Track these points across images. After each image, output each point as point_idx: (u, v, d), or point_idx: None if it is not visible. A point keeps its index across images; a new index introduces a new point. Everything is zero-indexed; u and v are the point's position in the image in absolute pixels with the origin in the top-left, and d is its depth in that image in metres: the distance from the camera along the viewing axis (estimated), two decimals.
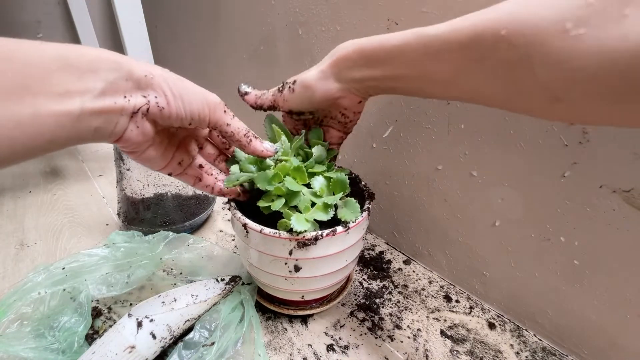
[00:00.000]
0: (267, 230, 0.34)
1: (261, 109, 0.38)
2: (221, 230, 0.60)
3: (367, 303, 0.46)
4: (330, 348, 0.40)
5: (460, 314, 0.45)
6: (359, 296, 0.47)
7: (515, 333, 0.42)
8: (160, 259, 0.46)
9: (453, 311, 0.45)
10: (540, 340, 0.42)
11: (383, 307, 0.46)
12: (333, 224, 0.35)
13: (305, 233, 0.33)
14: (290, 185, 0.34)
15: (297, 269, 0.36)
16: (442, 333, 0.42)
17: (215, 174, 0.37)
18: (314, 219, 0.34)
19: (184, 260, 0.47)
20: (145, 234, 0.50)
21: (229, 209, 0.42)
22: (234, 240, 0.58)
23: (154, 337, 0.35)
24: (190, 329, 0.38)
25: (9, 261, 0.53)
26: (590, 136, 0.32)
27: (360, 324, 0.43)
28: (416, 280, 0.50)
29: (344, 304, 0.46)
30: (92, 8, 0.98)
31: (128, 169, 0.53)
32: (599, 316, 0.36)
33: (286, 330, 0.43)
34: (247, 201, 0.39)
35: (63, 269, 0.42)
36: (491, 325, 0.43)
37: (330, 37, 0.52)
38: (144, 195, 0.55)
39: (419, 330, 0.43)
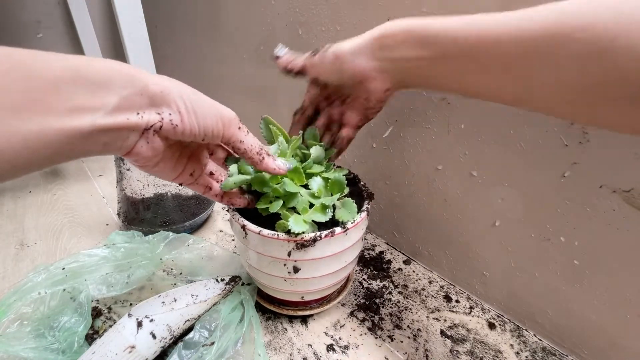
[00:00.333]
0: (266, 231, 0.34)
1: (290, 73, 0.36)
2: (221, 231, 0.61)
3: (367, 303, 0.46)
4: (330, 348, 0.40)
5: (460, 314, 0.45)
6: (359, 296, 0.47)
7: (515, 333, 0.42)
8: (160, 259, 0.46)
9: (453, 311, 0.45)
10: (540, 340, 0.42)
11: (383, 307, 0.46)
12: (333, 225, 0.35)
13: (303, 234, 0.33)
14: (288, 186, 0.34)
15: (296, 270, 0.36)
16: (442, 333, 0.42)
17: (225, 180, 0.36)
18: (312, 220, 0.34)
19: (184, 260, 0.47)
20: (145, 234, 0.50)
21: (227, 211, 0.42)
22: (234, 240, 0.58)
23: (154, 337, 0.35)
24: (190, 329, 0.38)
25: (9, 261, 0.53)
26: (590, 136, 0.32)
27: (360, 324, 0.43)
28: (416, 280, 0.50)
29: (344, 304, 0.46)
30: (92, 8, 0.98)
31: (128, 169, 0.53)
32: (599, 316, 0.36)
33: (286, 330, 0.43)
34: None
35: (63, 269, 0.42)
36: (491, 325, 0.43)
37: (330, 37, 0.52)
38: (144, 195, 0.55)
39: (419, 330, 0.43)
